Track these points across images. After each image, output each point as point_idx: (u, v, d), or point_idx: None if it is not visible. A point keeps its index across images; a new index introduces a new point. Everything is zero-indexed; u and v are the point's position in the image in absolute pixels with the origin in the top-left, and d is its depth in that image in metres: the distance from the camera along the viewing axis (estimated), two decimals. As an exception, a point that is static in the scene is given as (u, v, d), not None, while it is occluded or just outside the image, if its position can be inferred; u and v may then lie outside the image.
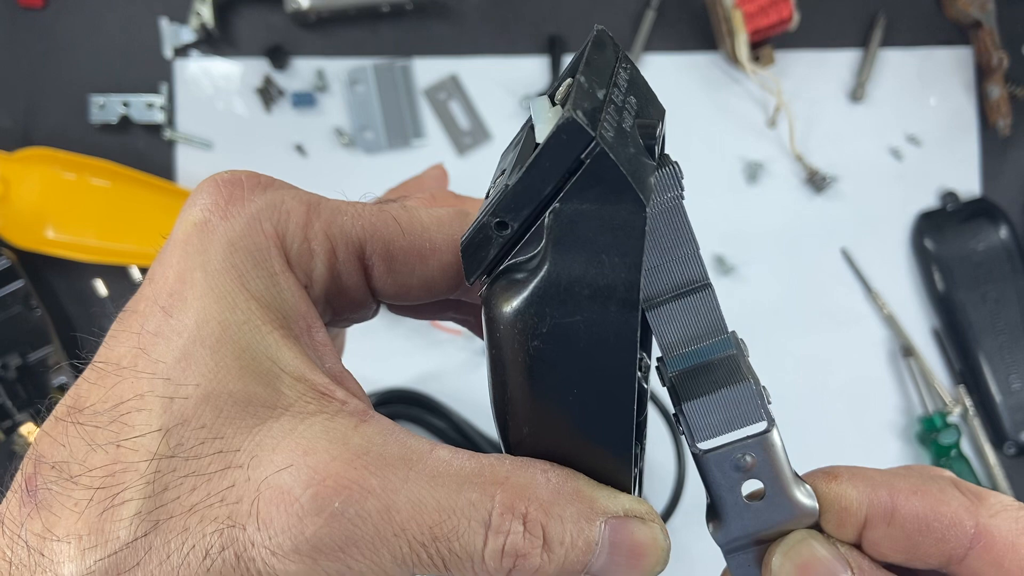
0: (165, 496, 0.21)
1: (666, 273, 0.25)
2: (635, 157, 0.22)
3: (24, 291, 0.66)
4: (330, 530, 0.20)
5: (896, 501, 0.24)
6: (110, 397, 0.22)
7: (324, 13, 0.68)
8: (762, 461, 0.26)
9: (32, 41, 0.69)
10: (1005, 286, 0.69)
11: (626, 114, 0.23)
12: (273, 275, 0.23)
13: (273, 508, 0.20)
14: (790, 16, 0.67)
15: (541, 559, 0.21)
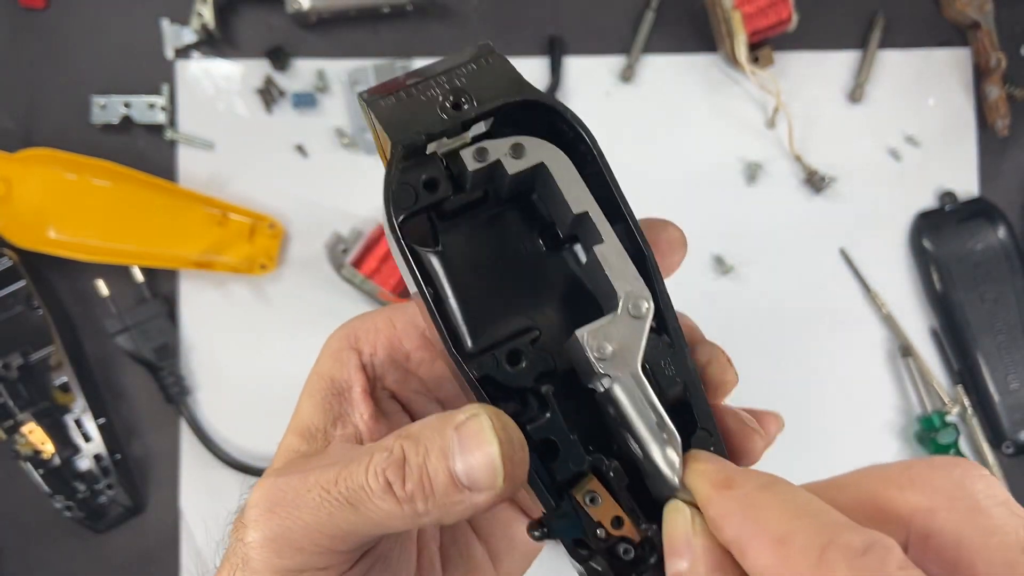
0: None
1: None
2: (397, 110, 0.27)
3: (26, 291, 0.66)
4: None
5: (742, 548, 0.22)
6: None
7: (325, 14, 0.68)
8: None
9: (34, 42, 0.69)
10: (1003, 286, 0.69)
11: (433, 91, 0.27)
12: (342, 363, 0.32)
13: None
14: (789, 17, 0.67)
15: (407, 468, 0.25)
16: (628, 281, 0.26)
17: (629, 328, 0.25)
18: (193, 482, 0.69)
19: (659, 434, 0.25)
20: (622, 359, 0.25)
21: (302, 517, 0.27)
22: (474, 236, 0.28)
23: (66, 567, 0.68)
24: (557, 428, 0.26)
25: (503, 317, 0.27)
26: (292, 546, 0.27)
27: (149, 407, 0.69)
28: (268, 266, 0.67)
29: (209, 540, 0.69)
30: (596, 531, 0.26)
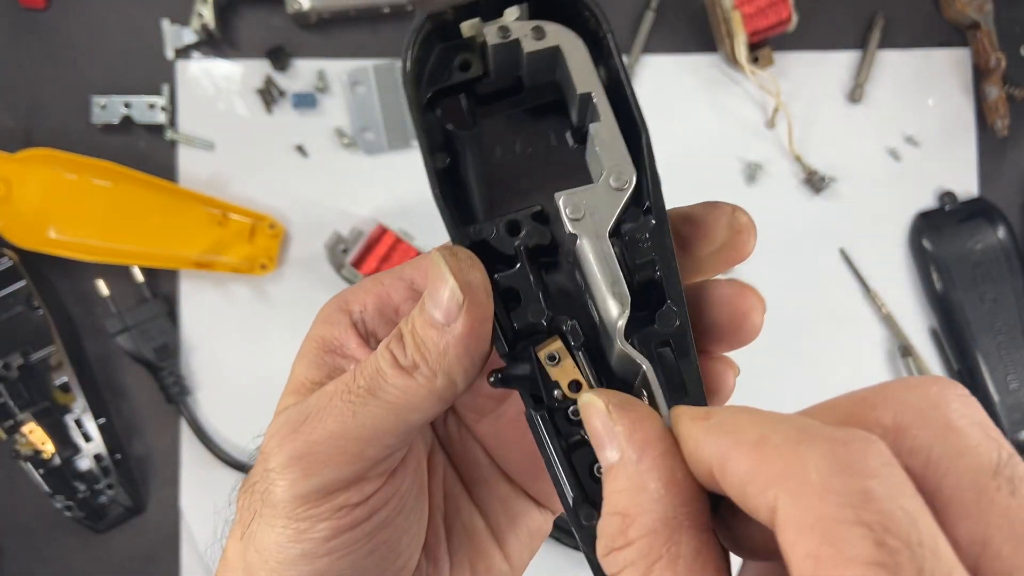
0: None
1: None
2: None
3: (26, 291, 0.66)
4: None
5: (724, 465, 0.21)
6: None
7: (325, 14, 0.68)
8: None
9: (34, 42, 0.69)
10: (1003, 286, 0.69)
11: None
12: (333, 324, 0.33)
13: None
14: (789, 17, 0.67)
15: (403, 339, 0.27)
16: (615, 157, 0.27)
17: (607, 197, 0.27)
18: (193, 482, 0.69)
19: (612, 293, 0.26)
20: (593, 223, 0.27)
21: (327, 426, 0.27)
22: (506, 124, 0.30)
23: (66, 567, 0.68)
24: (522, 279, 0.27)
25: (520, 201, 0.29)
26: (320, 460, 0.27)
27: (149, 407, 0.69)
28: (268, 266, 0.67)
29: (209, 540, 0.69)
30: (553, 391, 0.27)
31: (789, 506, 0.18)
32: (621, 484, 0.22)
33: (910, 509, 0.18)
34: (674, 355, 0.27)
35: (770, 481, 0.19)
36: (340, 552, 0.28)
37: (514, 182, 0.29)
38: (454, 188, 0.29)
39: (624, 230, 0.27)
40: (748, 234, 0.29)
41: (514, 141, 0.30)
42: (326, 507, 0.27)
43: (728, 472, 0.20)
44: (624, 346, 0.26)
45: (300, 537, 0.27)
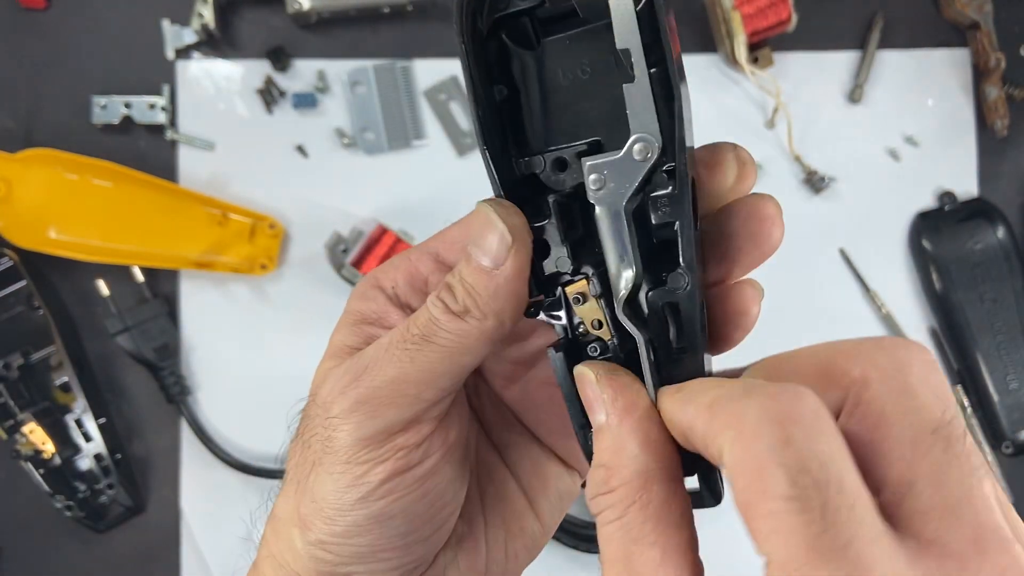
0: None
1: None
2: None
3: (26, 291, 0.66)
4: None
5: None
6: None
7: (325, 14, 0.68)
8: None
9: (34, 42, 0.69)
10: (1002, 286, 0.70)
11: None
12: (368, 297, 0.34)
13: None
14: (788, 17, 0.67)
15: (453, 287, 0.29)
16: (643, 124, 0.27)
17: (629, 167, 0.28)
18: (194, 482, 0.69)
19: (619, 266, 0.28)
20: (613, 194, 0.28)
21: (387, 372, 0.29)
22: (568, 46, 0.30)
23: (67, 567, 0.69)
24: (553, 232, 0.30)
25: (581, 130, 0.30)
26: (383, 403, 0.29)
27: (150, 407, 0.69)
28: (268, 266, 0.68)
29: (210, 539, 0.69)
30: (578, 327, 0.30)
31: (729, 451, 0.22)
32: (605, 443, 0.26)
33: (824, 452, 0.21)
34: (680, 316, 0.28)
35: (718, 432, 0.22)
36: (394, 496, 0.29)
37: (577, 108, 0.30)
38: (511, 121, 0.30)
39: (648, 191, 0.28)
40: (752, 165, 0.31)
41: (576, 63, 0.30)
42: (387, 447, 0.29)
43: (694, 431, 0.24)
44: (621, 318, 0.28)
45: (359, 481, 0.29)
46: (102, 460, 0.66)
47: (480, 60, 0.30)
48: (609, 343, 0.29)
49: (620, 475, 0.25)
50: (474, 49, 0.29)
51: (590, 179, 0.28)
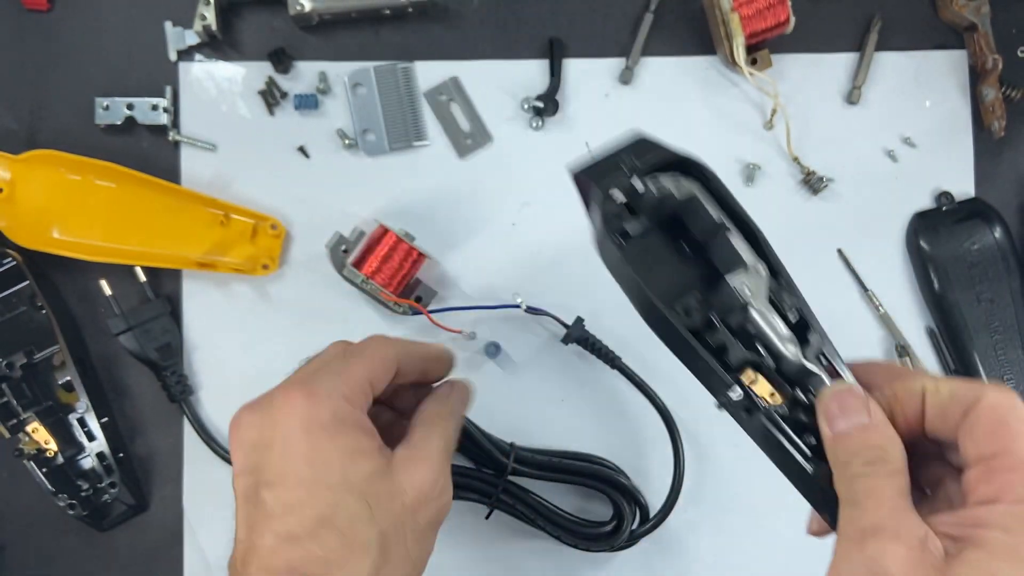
0: None
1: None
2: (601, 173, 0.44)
3: (29, 291, 0.66)
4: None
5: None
6: None
7: (326, 16, 0.69)
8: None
9: (37, 44, 0.70)
10: (999, 286, 0.70)
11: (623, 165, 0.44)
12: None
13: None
14: (787, 19, 0.67)
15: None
16: (749, 255, 0.42)
17: (756, 278, 0.42)
18: (196, 481, 0.69)
19: (781, 337, 0.41)
20: (754, 293, 0.41)
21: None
22: (649, 247, 0.44)
23: (69, 565, 0.69)
24: (727, 339, 0.42)
25: (674, 289, 0.43)
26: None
27: (152, 406, 0.69)
28: (270, 266, 0.68)
29: (213, 538, 0.69)
30: (756, 399, 0.41)
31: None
32: (878, 436, 0.37)
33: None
34: (827, 358, 0.42)
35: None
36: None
37: (667, 276, 0.44)
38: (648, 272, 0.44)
39: (772, 294, 0.42)
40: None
41: (658, 249, 0.44)
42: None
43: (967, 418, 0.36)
44: (808, 365, 0.41)
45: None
46: (105, 459, 0.66)
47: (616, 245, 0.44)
48: (781, 406, 0.41)
49: (894, 452, 0.37)
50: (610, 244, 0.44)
51: (742, 291, 0.41)
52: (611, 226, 0.43)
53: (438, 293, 0.69)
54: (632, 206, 0.43)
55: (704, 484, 0.70)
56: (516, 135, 0.71)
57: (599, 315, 0.69)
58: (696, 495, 0.70)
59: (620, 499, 0.66)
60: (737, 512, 0.70)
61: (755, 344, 0.41)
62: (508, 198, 0.71)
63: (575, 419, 0.70)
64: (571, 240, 0.70)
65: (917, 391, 0.38)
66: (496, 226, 0.71)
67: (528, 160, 0.71)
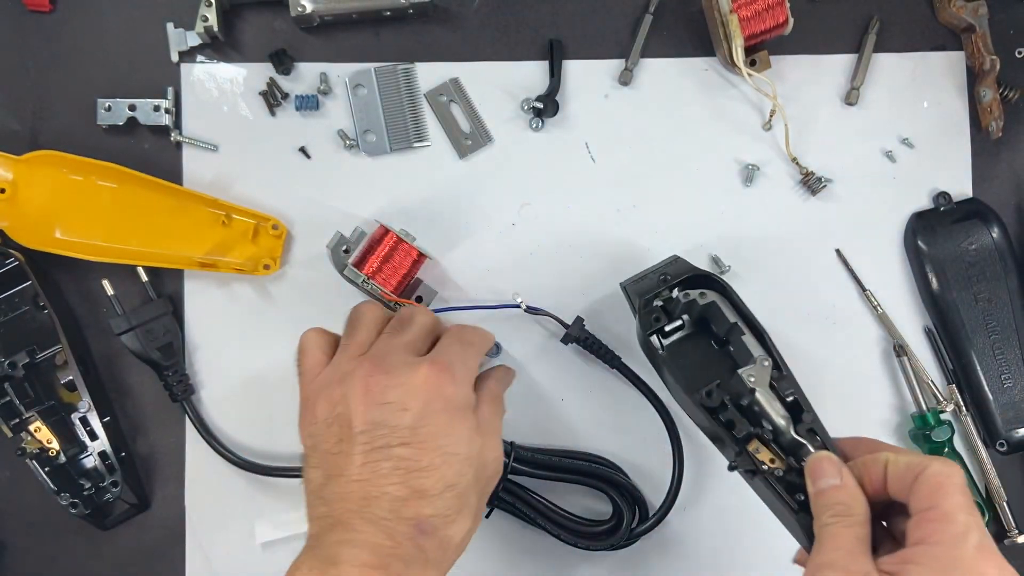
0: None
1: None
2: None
3: (32, 291, 0.67)
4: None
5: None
6: None
7: (327, 17, 0.69)
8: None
9: (39, 45, 0.70)
10: (997, 286, 0.70)
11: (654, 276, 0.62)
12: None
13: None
14: (786, 21, 0.68)
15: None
16: (757, 349, 0.57)
17: (761, 370, 0.55)
18: (198, 480, 0.69)
19: (779, 415, 0.54)
20: (759, 382, 0.55)
21: None
22: (681, 345, 0.62)
23: (71, 564, 0.69)
24: (736, 417, 0.56)
25: (701, 380, 0.58)
26: None
27: (154, 406, 0.70)
28: (272, 266, 0.68)
29: (214, 537, 0.70)
30: (761, 466, 0.54)
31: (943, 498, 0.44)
32: (845, 492, 0.48)
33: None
34: (818, 434, 0.54)
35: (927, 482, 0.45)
36: None
37: (694, 371, 0.59)
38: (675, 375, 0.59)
39: (774, 382, 0.55)
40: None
41: (687, 350, 0.61)
42: None
43: (904, 480, 0.47)
44: (799, 438, 0.53)
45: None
46: (107, 458, 0.66)
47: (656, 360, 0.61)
48: (779, 469, 0.54)
49: (857, 507, 0.47)
50: (653, 353, 0.61)
51: (749, 379, 0.55)
52: (647, 329, 0.59)
53: (438, 293, 0.69)
54: (668, 310, 0.60)
55: (704, 483, 0.70)
56: (516, 136, 0.71)
57: (599, 315, 0.69)
58: (696, 494, 0.70)
59: (620, 498, 0.66)
60: (736, 511, 0.70)
61: (761, 421, 0.55)
62: (508, 198, 0.71)
63: (575, 419, 0.70)
64: (571, 240, 0.70)
65: (882, 461, 0.48)
66: (496, 226, 0.71)
67: (528, 161, 0.71)
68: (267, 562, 0.69)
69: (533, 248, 0.71)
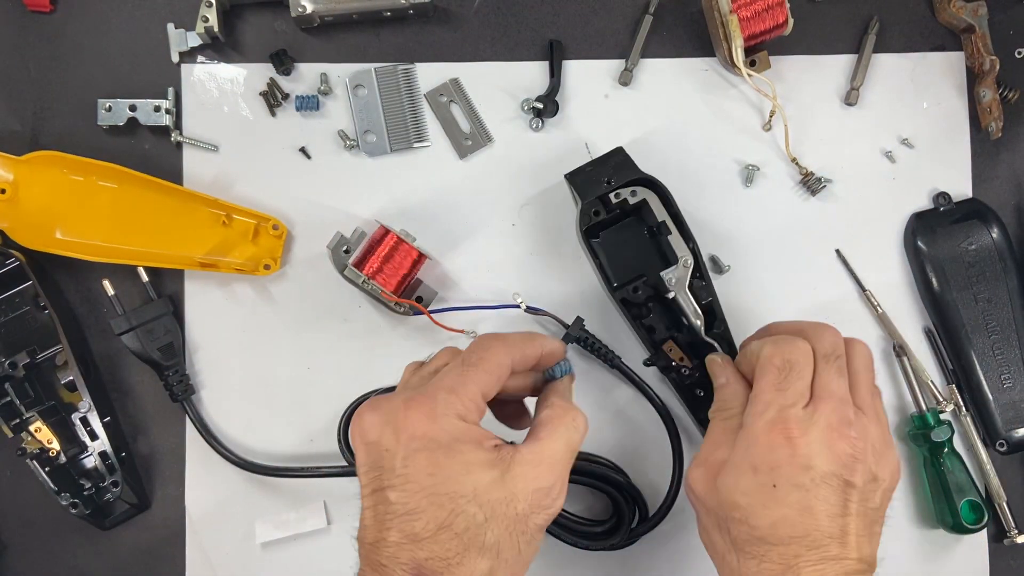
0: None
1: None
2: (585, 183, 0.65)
3: (32, 291, 0.67)
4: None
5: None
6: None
7: (328, 18, 0.69)
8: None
9: (40, 45, 0.70)
10: (996, 286, 0.70)
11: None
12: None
13: None
14: (785, 21, 0.68)
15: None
16: (682, 250, 0.63)
17: (683, 272, 0.62)
18: (198, 480, 0.70)
19: (692, 312, 0.63)
20: (679, 284, 0.62)
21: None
22: (617, 234, 0.67)
23: (72, 564, 0.69)
24: (657, 319, 0.66)
25: (631, 270, 0.66)
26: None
27: (155, 406, 0.70)
28: (272, 267, 0.68)
29: (214, 536, 0.70)
30: (672, 362, 0.65)
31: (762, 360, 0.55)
32: (728, 391, 0.57)
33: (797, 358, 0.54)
34: (723, 341, 0.64)
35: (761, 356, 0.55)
36: None
37: (625, 261, 0.66)
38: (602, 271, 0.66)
39: (692, 284, 0.63)
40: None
41: (620, 240, 0.67)
42: None
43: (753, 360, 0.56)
44: (706, 339, 0.63)
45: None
46: (107, 458, 0.66)
47: (591, 248, 0.66)
48: (689, 366, 0.65)
49: (735, 404, 0.56)
50: (588, 240, 0.66)
51: (667, 280, 0.62)
52: (586, 224, 0.65)
53: (439, 293, 0.69)
54: (605, 202, 0.65)
55: (703, 483, 0.70)
56: (516, 136, 0.71)
57: (599, 315, 0.69)
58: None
59: (619, 498, 0.66)
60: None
61: (679, 320, 0.64)
62: (508, 198, 0.71)
63: (575, 418, 0.70)
64: (571, 240, 0.70)
65: (746, 351, 0.57)
66: (496, 226, 0.71)
67: (528, 161, 0.71)
68: (267, 562, 0.69)
69: (533, 248, 0.71)
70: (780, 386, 0.52)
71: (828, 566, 0.48)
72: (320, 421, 0.69)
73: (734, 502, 0.50)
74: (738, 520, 0.50)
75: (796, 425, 0.50)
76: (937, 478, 0.69)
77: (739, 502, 0.50)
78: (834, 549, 0.48)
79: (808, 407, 0.51)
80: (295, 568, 0.69)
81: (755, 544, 0.50)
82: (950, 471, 0.69)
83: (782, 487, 0.49)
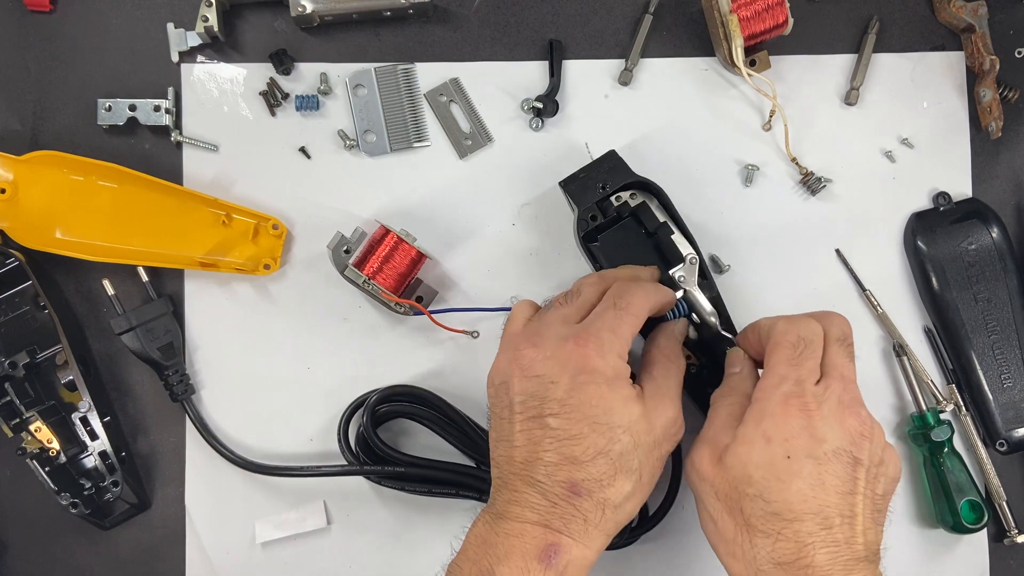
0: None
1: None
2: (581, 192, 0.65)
3: (32, 291, 0.67)
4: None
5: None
6: None
7: (327, 17, 0.69)
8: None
9: (40, 45, 0.70)
10: (996, 286, 0.70)
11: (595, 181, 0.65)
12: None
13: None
14: (786, 21, 0.68)
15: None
16: (685, 248, 0.64)
17: (690, 270, 0.63)
18: (198, 479, 0.70)
19: (708, 311, 0.63)
20: (688, 282, 0.63)
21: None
22: (615, 235, 0.66)
23: (72, 563, 0.69)
24: (657, 318, 0.63)
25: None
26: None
27: (155, 405, 0.70)
28: (272, 266, 0.68)
29: (215, 536, 0.70)
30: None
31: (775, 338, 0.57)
32: (741, 377, 0.59)
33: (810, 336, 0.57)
34: (726, 331, 0.64)
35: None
36: None
37: (626, 258, 0.65)
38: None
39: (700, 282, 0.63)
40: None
41: (619, 241, 0.65)
42: None
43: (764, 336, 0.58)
44: (724, 332, 0.63)
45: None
46: (107, 458, 0.66)
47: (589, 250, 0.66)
48: (697, 363, 0.66)
49: (744, 387, 0.58)
50: (586, 245, 0.66)
51: (677, 277, 0.63)
52: (584, 229, 0.65)
53: (439, 293, 0.69)
54: (603, 208, 0.65)
55: (703, 483, 0.70)
56: (516, 136, 0.71)
57: (599, 315, 0.69)
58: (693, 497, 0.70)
59: (620, 498, 0.66)
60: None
61: (690, 316, 0.64)
62: (508, 198, 0.71)
63: (575, 418, 0.70)
64: (571, 240, 0.70)
65: (757, 327, 0.59)
66: (496, 226, 0.71)
67: (528, 161, 0.71)
68: (267, 562, 0.69)
69: (533, 248, 0.71)
70: (794, 361, 0.54)
71: (841, 550, 0.50)
72: (320, 421, 0.69)
73: (747, 476, 0.51)
74: (751, 496, 0.51)
75: (812, 398, 0.52)
76: (937, 478, 0.69)
77: (752, 475, 0.51)
78: (845, 531, 0.50)
79: (820, 384, 0.53)
80: (295, 568, 0.69)
81: (769, 520, 0.50)
82: (950, 471, 0.69)
83: (796, 458, 0.50)
